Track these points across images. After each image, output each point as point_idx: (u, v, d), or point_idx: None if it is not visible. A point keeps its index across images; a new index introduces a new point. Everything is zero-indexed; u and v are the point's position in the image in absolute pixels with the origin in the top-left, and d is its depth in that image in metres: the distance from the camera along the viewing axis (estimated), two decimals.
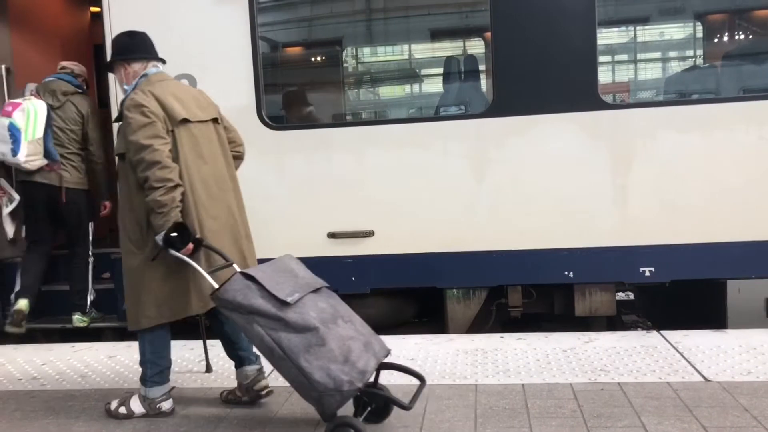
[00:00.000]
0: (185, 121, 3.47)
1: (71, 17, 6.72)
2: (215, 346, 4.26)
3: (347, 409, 3.16)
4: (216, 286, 3.20)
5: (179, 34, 4.99)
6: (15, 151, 4.99)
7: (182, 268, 3.39)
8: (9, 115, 4.99)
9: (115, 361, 4.63)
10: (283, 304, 3.02)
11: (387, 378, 3.72)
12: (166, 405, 3.62)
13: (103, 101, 6.19)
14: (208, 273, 3.31)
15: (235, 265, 3.40)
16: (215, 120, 3.69)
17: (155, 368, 3.58)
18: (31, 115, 5.02)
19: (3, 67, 5.64)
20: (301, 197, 4.99)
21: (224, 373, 4.25)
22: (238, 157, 3.89)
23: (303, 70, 6.14)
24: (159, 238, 3.31)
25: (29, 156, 5.03)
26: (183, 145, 3.45)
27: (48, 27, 6.34)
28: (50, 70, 6.05)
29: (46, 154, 5.09)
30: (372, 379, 3.22)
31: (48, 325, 5.46)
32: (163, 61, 3.73)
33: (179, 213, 3.33)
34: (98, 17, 5.28)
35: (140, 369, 3.62)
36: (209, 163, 3.57)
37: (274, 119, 5.04)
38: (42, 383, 4.26)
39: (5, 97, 5.59)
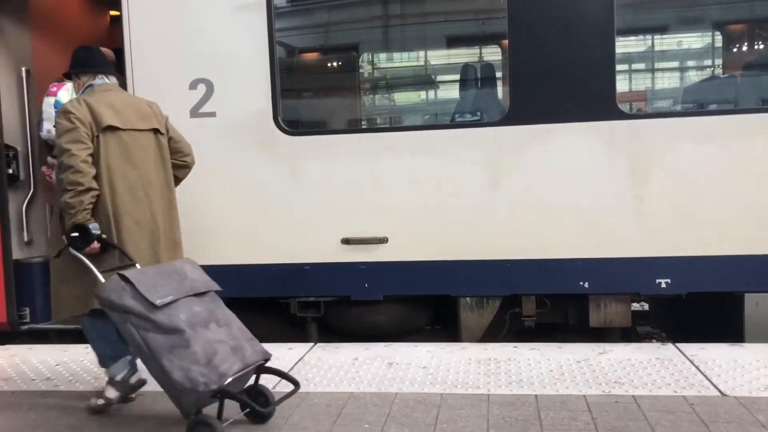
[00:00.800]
0: (113, 128, 3.73)
1: (91, 20, 6.78)
2: None
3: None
4: (103, 281, 3.44)
5: (197, 38, 5.02)
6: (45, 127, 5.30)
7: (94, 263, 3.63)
8: (54, 94, 5.30)
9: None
10: (153, 306, 3.21)
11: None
12: (134, 378, 3.78)
13: None
14: (107, 271, 3.56)
15: (138, 266, 3.60)
16: (156, 130, 3.96)
17: (105, 343, 3.79)
18: (74, 94, 5.19)
19: (24, 69, 5.69)
20: (316, 203, 4.99)
21: None
22: (185, 166, 4.16)
23: (319, 75, 6.15)
24: (63, 237, 3.63)
25: None
26: (108, 150, 3.72)
27: (68, 30, 6.39)
28: None
29: None
30: (253, 381, 3.48)
31: (62, 326, 5.48)
32: (118, 75, 4.12)
33: (87, 215, 3.59)
34: (117, 21, 5.32)
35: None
36: (139, 168, 3.82)
37: (290, 124, 5.04)
38: (55, 384, 4.28)
39: (25, 99, 5.64)
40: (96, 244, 3.60)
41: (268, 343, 4.95)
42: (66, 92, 5.28)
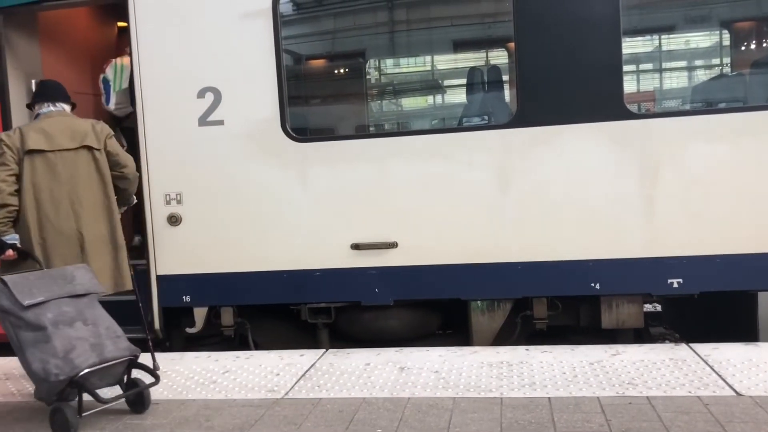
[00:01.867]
0: (37, 151, 4.27)
1: (99, 32, 6.83)
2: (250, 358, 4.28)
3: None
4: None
5: (205, 47, 5.05)
6: (107, 101, 6.04)
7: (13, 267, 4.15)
8: (102, 71, 6.05)
9: (139, 372, 4.65)
10: (22, 306, 3.68)
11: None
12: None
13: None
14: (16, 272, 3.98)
15: (45, 269, 4.09)
16: (89, 147, 4.39)
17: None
18: (118, 69, 6.02)
19: (33, 81, 5.75)
20: (325, 209, 5.00)
21: (248, 385, 4.26)
22: (123, 177, 4.55)
23: (327, 82, 6.17)
24: None
25: (118, 104, 6.01)
26: (35, 170, 4.27)
27: (76, 42, 6.45)
28: (79, 84, 6.17)
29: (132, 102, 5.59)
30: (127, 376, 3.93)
31: None
32: (69, 103, 4.59)
33: (2, 227, 4.21)
34: (125, 32, 5.36)
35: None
36: (66, 184, 4.33)
37: (297, 131, 5.06)
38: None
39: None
40: (10, 252, 4.17)
41: (279, 350, 5.01)
42: (111, 68, 6.01)
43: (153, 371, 3.97)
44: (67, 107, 4.58)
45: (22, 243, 4.27)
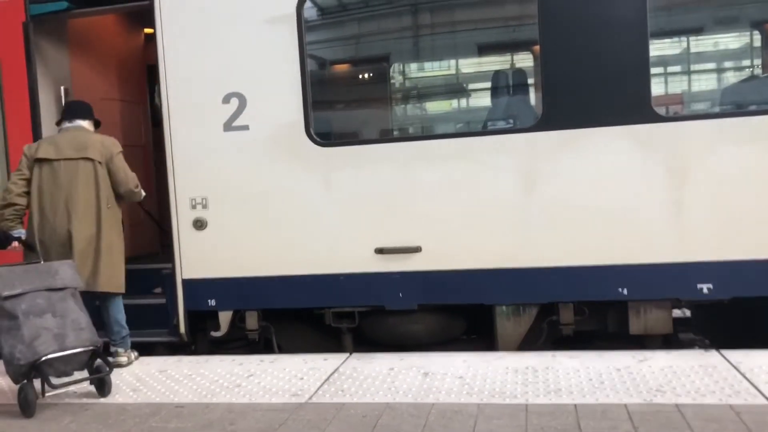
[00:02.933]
0: (44, 159, 4.86)
1: (126, 38, 6.92)
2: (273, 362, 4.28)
3: None
4: None
5: (229, 53, 5.09)
6: None
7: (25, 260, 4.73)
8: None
9: (166, 375, 4.70)
10: (1, 296, 4.11)
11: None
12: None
13: (156, 120, 6.34)
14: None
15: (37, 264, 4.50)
16: (90, 159, 4.87)
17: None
18: None
19: (62, 88, 5.84)
20: (349, 213, 5.00)
21: (272, 389, 4.27)
22: (120, 195, 5.01)
23: (351, 87, 6.17)
24: None
25: None
26: (42, 176, 4.87)
27: (104, 48, 6.54)
28: (107, 91, 6.25)
29: None
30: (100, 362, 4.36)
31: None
32: (89, 119, 5.10)
33: (9, 223, 4.85)
34: (152, 38, 5.42)
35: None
36: (65, 189, 4.85)
37: (322, 136, 5.07)
38: (95, 396, 4.34)
39: None
40: (16, 244, 4.79)
41: (303, 354, 5.01)
42: None
43: (108, 362, 4.44)
44: (84, 123, 5.05)
45: (30, 240, 4.82)
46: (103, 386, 4.35)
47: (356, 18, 5.65)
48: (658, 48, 5.18)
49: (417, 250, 4.91)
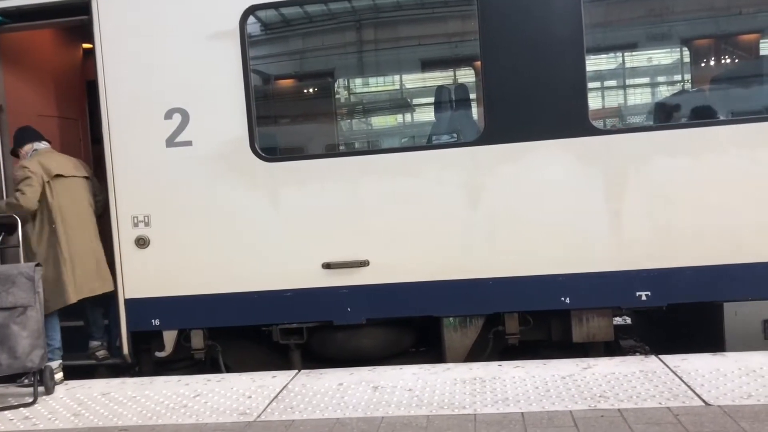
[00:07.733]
0: (60, 175, 5.12)
1: (64, 54, 6.76)
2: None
3: None
4: None
5: (171, 68, 5.03)
6: None
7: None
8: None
9: (109, 398, 4.57)
10: None
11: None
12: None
13: (96, 137, 6.19)
14: None
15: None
16: (87, 177, 5.35)
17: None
18: None
19: None
20: (296, 228, 4.97)
21: (220, 408, 4.20)
22: (100, 203, 5.43)
23: (296, 102, 6.17)
24: None
25: None
26: (59, 192, 5.11)
27: (40, 64, 6.37)
28: (43, 107, 6.08)
29: None
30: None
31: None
32: (48, 141, 5.39)
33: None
34: (90, 53, 5.31)
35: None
36: (78, 204, 5.23)
37: (267, 151, 5.05)
38: (34, 423, 4.20)
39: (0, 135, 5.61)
40: None
41: (251, 372, 4.95)
42: None
43: (48, 388, 4.71)
44: (48, 146, 5.36)
45: (53, 258, 5.01)
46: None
47: (300, 33, 5.65)
48: (594, 63, 5.36)
49: (365, 264, 4.92)
